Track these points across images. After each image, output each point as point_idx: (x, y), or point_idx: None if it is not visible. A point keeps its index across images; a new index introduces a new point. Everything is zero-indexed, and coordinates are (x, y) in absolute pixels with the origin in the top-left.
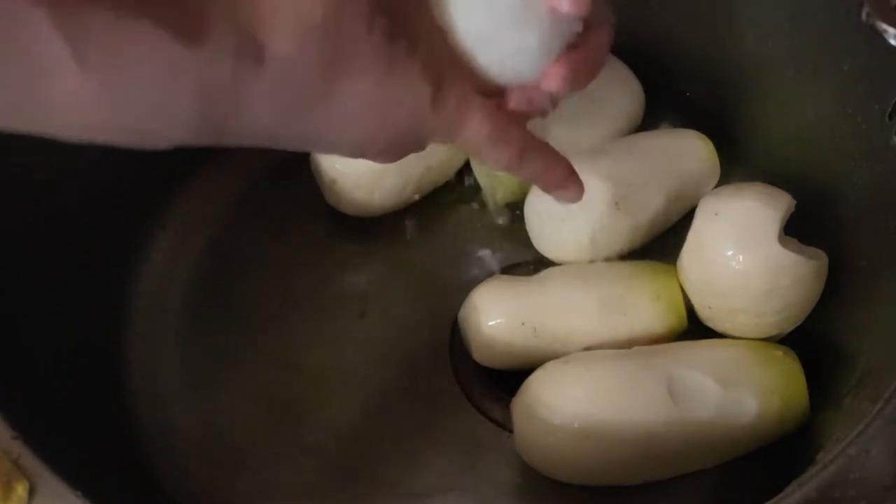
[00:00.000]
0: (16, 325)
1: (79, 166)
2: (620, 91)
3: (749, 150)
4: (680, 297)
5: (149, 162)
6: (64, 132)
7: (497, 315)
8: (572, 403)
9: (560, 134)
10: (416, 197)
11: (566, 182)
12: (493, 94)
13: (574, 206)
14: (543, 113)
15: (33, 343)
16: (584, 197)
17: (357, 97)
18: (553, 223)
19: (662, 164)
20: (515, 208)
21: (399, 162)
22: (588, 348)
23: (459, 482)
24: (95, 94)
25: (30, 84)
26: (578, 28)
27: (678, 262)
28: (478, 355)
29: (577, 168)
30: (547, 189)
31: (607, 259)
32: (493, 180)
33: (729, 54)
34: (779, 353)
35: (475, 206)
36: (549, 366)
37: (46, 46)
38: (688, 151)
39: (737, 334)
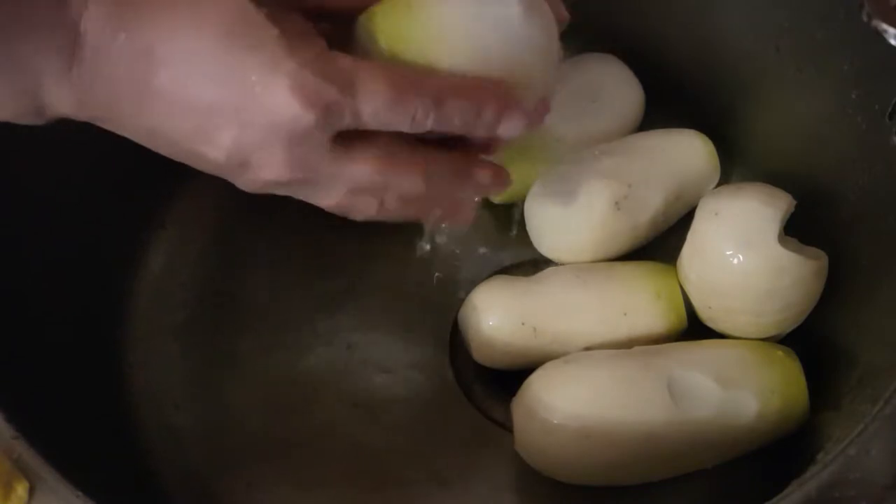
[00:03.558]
0: (16, 325)
1: (79, 166)
2: (620, 91)
3: (749, 150)
4: (680, 297)
5: (149, 162)
6: None
7: (497, 315)
8: (572, 403)
9: (560, 134)
10: None
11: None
12: None
13: (574, 206)
14: None
15: (34, 343)
16: (584, 197)
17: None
18: (553, 223)
19: (662, 164)
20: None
21: None
22: (588, 348)
23: (459, 482)
24: None
25: None
26: None
27: (678, 262)
28: (478, 355)
29: (577, 168)
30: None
31: (607, 259)
32: None
33: (729, 54)
34: (779, 353)
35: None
36: (549, 366)
37: None
38: (688, 151)
39: (737, 334)
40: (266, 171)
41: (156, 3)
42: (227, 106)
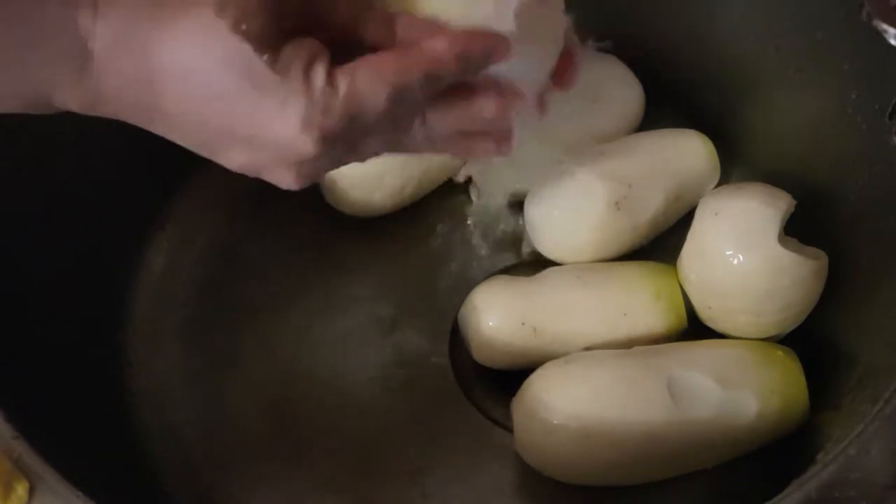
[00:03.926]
0: (16, 325)
1: (80, 168)
2: (620, 91)
3: (749, 150)
4: (680, 297)
5: (149, 162)
6: None
7: (497, 315)
8: (572, 403)
9: (560, 134)
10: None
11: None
12: None
13: (574, 206)
14: None
15: (34, 343)
16: (584, 197)
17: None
18: (553, 223)
19: (662, 164)
20: (516, 208)
21: (399, 162)
22: (588, 348)
23: (459, 482)
24: None
25: None
26: None
27: (678, 262)
28: (478, 355)
29: (577, 168)
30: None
31: (607, 259)
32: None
33: (729, 54)
34: (779, 353)
35: (475, 205)
36: (549, 366)
37: None
38: (688, 151)
39: (737, 334)
40: (280, 182)
41: (164, 28)
42: (238, 133)
